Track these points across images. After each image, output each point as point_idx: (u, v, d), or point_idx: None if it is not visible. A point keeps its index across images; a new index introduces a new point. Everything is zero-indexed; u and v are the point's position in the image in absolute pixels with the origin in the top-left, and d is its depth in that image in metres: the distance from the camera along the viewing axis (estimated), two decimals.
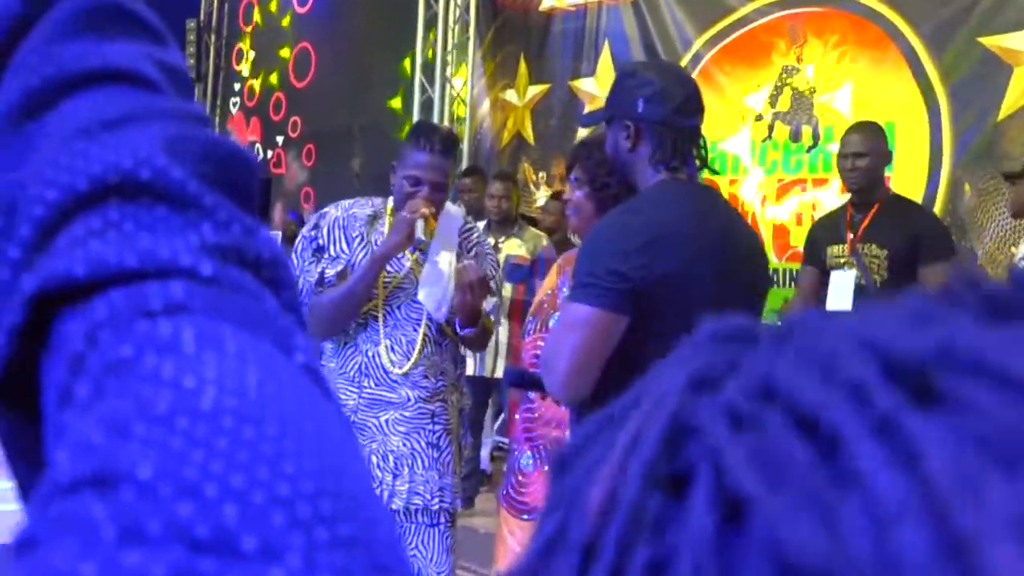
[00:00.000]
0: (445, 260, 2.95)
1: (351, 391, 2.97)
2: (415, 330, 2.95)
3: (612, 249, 2.09)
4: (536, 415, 2.85)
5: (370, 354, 2.95)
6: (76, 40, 0.51)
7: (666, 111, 2.25)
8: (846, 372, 0.27)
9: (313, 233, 3.00)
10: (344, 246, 2.97)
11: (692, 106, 2.29)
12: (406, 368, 2.93)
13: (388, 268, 2.94)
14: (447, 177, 2.92)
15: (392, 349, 2.94)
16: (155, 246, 0.43)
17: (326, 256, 2.97)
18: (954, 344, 0.26)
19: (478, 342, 3.08)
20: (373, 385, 2.95)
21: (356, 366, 2.97)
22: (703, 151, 2.33)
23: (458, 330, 2.99)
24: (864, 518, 0.24)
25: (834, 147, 5.48)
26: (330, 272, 2.94)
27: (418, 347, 2.94)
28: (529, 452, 2.86)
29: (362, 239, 2.97)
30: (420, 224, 2.79)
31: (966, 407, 0.25)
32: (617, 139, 2.32)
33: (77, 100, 0.49)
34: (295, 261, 3.00)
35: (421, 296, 2.94)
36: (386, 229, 2.99)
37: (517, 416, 2.96)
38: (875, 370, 0.26)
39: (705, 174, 2.35)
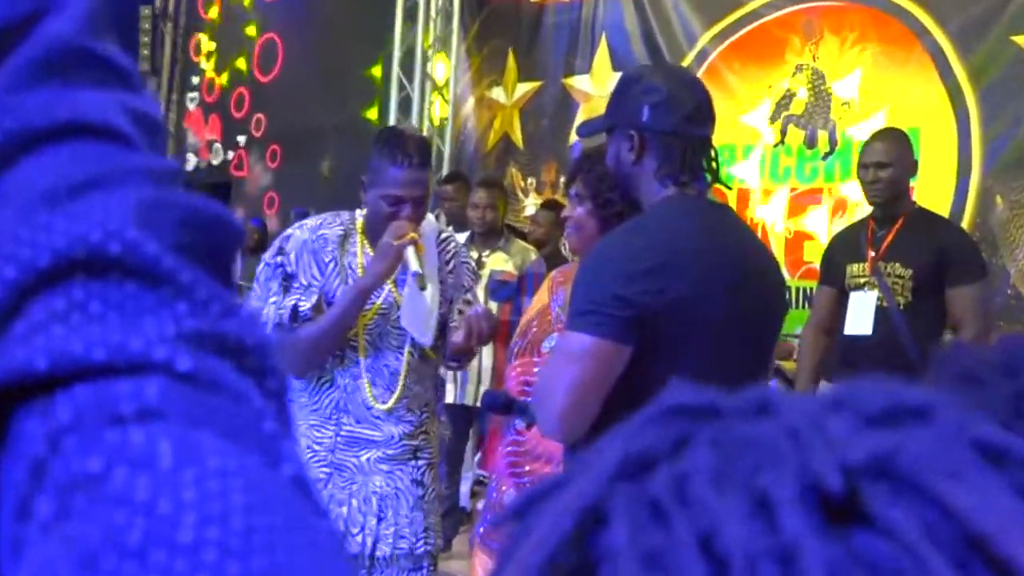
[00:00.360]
0: (426, 279, 2.91)
1: (327, 429, 2.94)
2: (398, 359, 2.93)
3: (615, 272, 2.08)
4: (524, 449, 2.82)
5: (349, 389, 2.92)
6: (39, 88, 0.51)
7: (674, 120, 2.23)
8: (762, 485, 0.28)
9: (279, 259, 2.95)
10: (316, 273, 2.93)
11: (703, 114, 2.27)
12: (390, 403, 2.92)
13: (374, 294, 2.92)
14: (426, 189, 2.91)
15: (374, 383, 2.92)
16: (126, 336, 0.42)
17: (297, 285, 2.92)
18: (894, 457, 0.28)
19: (461, 368, 3.08)
20: (354, 422, 2.93)
21: (332, 402, 2.94)
22: (715, 164, 2.31)
23: (445, 360, 3.01)
24: None
25: (852, 150, 5.46)
26: (305, 305, 2.89)
27: (402, 379, 2.92)
28: (513, 490, 2.83)
29: (335, 263, 2.93)
30: (411, 253, 2.76)
31: (880, 530, 0.27)
32: (619, 150, 2.30)
33: (41, 157, 0.48)
34: (257, 289, 2.95)
35: (405, 322, 2.92)
36: (359, 250, 2.96)
37: (502, 448, 2.93)
38: (792, 488, 0.28)
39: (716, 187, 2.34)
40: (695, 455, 0.31)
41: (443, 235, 3.10)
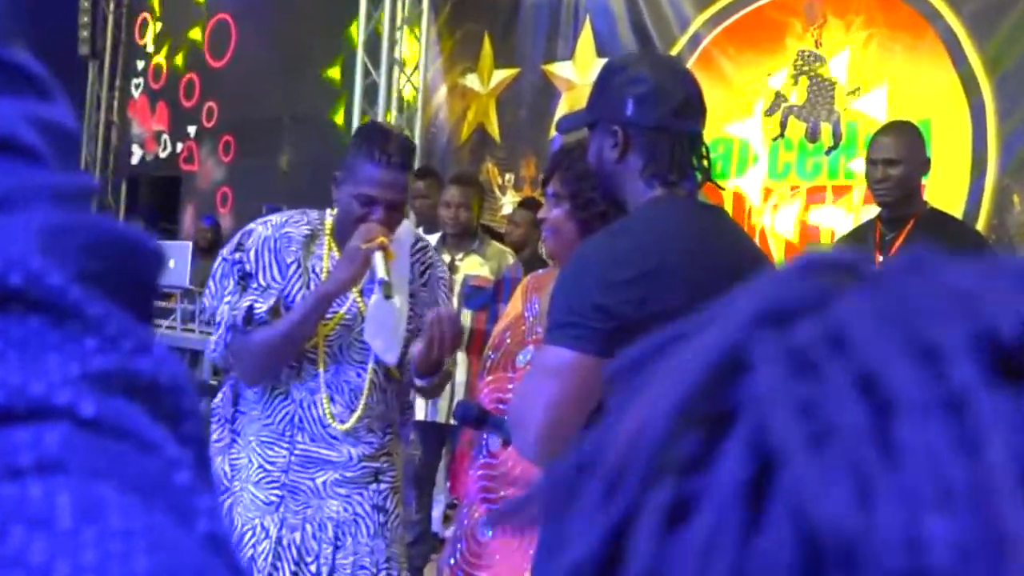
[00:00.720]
0: (395, 290, 2.91)
1: (280, 447, 2.92)
2: (359, 376, 2.92)
3: (595, 281, 2.07)
4: (497, 472, 2.81)
5: (305, 404, 2.91)
6: None
7: (661, 114, 2.23)
8: (929, 333, 0.28)
9: (237, 256, 2.94)
10: (276, 274, 2.91)
11: (693, 108, 2.27)
12: (350, 423, 2.91)
13: (337, 303, 2.90)
14: (405, 194, 2.90)
15: (332, 399, 2.91)
16: (26, 378, 0.41)
17: (254, 286, 2.90)
18: None
19: (435, 391, 3.07)
20: (308, 441, 2.91)
21: (287, 417, 2.92)
22: (705, 162, 2.30)
23: (413, 379, 2.96)
24: (901, 500, 0.26)
25: (858, 145, 5.48)
26: (260, 307, 2.87)
27: (364, 397, 2.91)
28: (487, 517, 2.83)
29: (298, 265, 2.92)
30: (379, 258, 2.74)
31: None
32: (602, 147, 2.29)
33: None
34: (212, 287, 2.94)
35: (368, 336, 2.91)
36: (325, 252, 2.95)
37: (473, 471, 2.93)
38: (964, 337, 0.28)
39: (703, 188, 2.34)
40: (849, 303, 0.31)
41: (420, 244, 3.08)
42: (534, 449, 2.11)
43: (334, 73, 9.76)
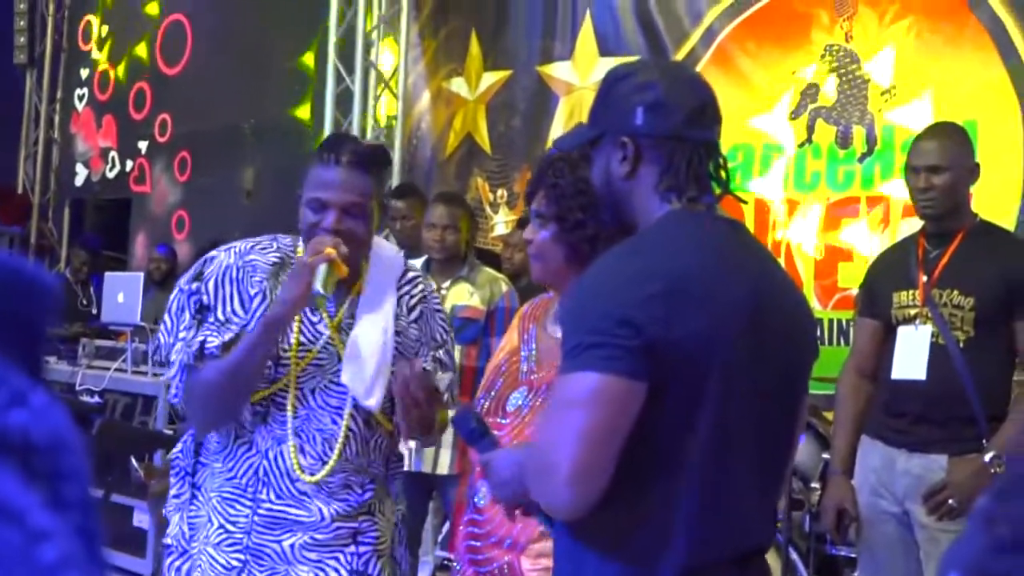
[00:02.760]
0: (377, 325, 2.89)
1: (243, 504, 2.89)
2: (335, 422, 2.89)
3: (621, 296, 2.08)
4: (484, 531, 2.80)
5: (271, 455, 2.88)
6: None
7: (675, 122, 2.25)
8: None
9: (194, 286, 2.93)
10: (236, 306, 2.91)
11: (708, 115, 2.29)
12: (320, 475, 2.87)
13: (302, 338, 2.89)
14: (364, 198, 2.87)
15: (302, 449, 2.88)
16: None
17: (211, 320, 2.89)
18: None
19: (430, 441, 3.03)
20: (274, 498, 2.88)
21: (251, 470, 2.90)
22: (724, 172, 2.32)
23: (401, 434, 2.95)
24: None
25: (895, 150, 5.46)
26: (213, 342, 2.86)
27: (338, 446, 2.88)
28: None
29: (263, 297, 2.90)
30: (321, 270, 2.72)
31: None
32: (609, 163, 2.30)
33: None
34: (167, 322, 2.92)
35: (345, 378, 2.88)
36: None
37: (462, 527, 2.91)
38: None
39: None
40: None
41: (411, 275, 3.06)
42: (566, 494, 2.08)
43: (303, 76, 9.76)
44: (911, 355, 4.12)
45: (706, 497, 2.13)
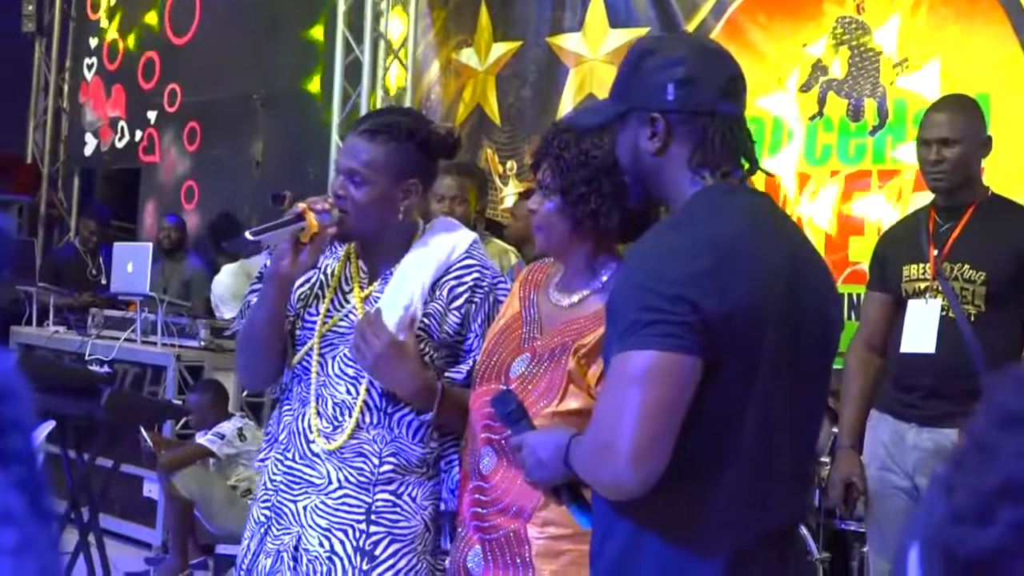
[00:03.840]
0: (398, 303, 2.90)
1: (277, 464, 3.00)
2: (349, 392, 2.92)
3: (674, 271, 2.11)
4: (488, 497, 2.79)
5: (297, 416, 2.97)
6: None
7: (707, 96, 2.26)
8: None
9: None
10: None
11: (737, 88, 2.31)
12: (335, 444, 2.90)
13: (331, 306, 2.97)
14: (365, 166, 2.88)
15: (319, 414, 2.94)
16: None
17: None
18: None
19: (451, 423, 2.93)
20: (297, 459, 2.95)
21: (286, 430, 3.00)
22: (752, 146, 2.34)
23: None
24: None
25: (907, 123, 5.45)
26: (252, 300, 3.04)
27: (354, 416, 2.90)
28: (479, 547, 2.80)
29: (315, 264, 2.98)
30: (288, 228, 2.81)
31: None
32: (637, 139, 2.31)
33: None
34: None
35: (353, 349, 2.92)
36: (343, 253, 3.04)
37: (467, 495, 2.90)
38: None
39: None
40: None
41: (469, 261, 3.02)
42: (630, 472, 2.09)
43: (313, 47, 9.73)
44: (921, 329, 4.11)
45: (754, 471, 2.16)
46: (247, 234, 2.84)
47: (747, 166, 2.33)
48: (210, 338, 7.38)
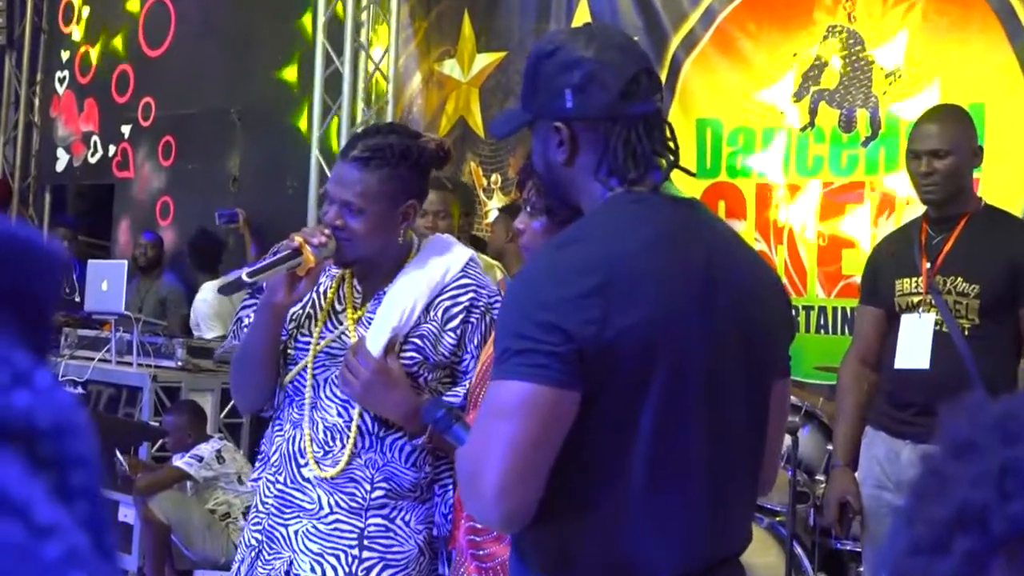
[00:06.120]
0: (386, 325, 2.90)
1: (268, 488, 3.00)
2: (340, 415, 2.92)
3: (547, 297, 2.02)
4: (484, 525, 2.79)
5: (289, 438, 2.98)
6: None
7: (608, 100, 2.16)
8: None
9: None
10: None
11: (644, 84, 2.19)
12: (331, 472, 2.90)
13: (325, 327, 2.97)
14: (359, 196, 2.84)
15: (312, 437, 2.94)
16: None
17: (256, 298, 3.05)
18: None
19: (445, 447, 2.90)
20: (288, 482, 2.96)
21: (278, 452, 3.00)
22: (671, 144, 2.24)
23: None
24: None
25: (900, 133, 5.48)
26: (246, 321, 3.05)
27: (350, 443, 2.90)
28: (476, 574, 2.81)
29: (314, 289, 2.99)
30: (281, 260, 2.80)
31: None
32: (546, 149, 2.24)
33: None
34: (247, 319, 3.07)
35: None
36: (337, 275, 3.04)
37: (464, 520, 2.91)
38: None
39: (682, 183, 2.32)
40: None
41: (464, 280, 3.01)
42: (493, 508, 2.05)
43: (291, 59, 9.74)
44: (914, 344, 4.12)
45: (656, 505, 2.07)
46: (243, 276, 2.80)
47: (663, 165, 2.21)
48: (187, 358, 7.36)
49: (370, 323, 2.93)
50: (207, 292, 8.39)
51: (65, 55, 12.05)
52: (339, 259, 2.88)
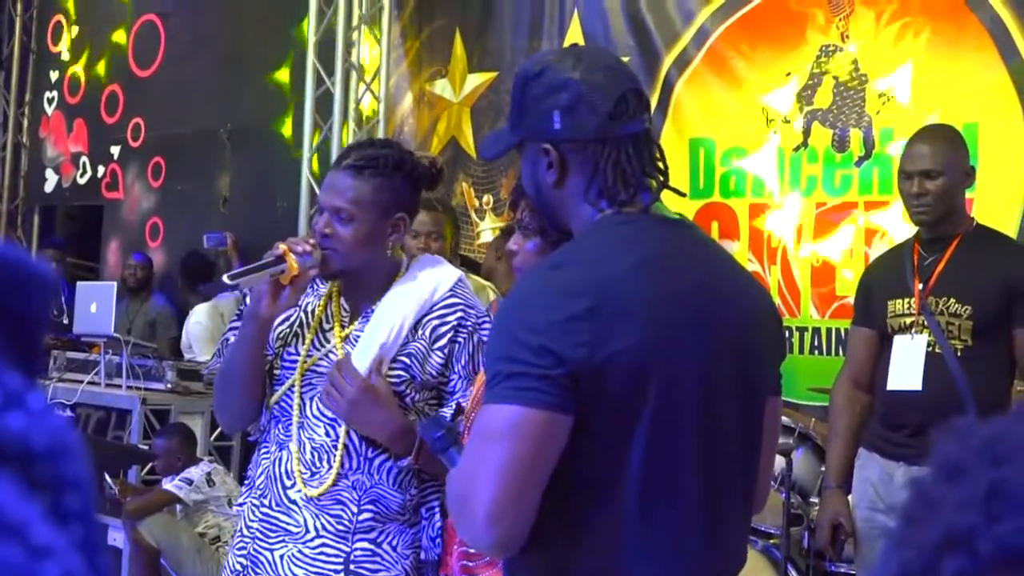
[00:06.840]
0: (373, 342, 2.90)
1: (253, 512, 2.98)
2: (327, 434, 2.91)
3: (542, 319, 2.01)
4: (476, 551, 2.79)
5: (275, 460, 2.96)
6: None
7: (596, 122, 2.17)
8: None
9: None
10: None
11: (632, 105, 2.19)
12: (316, 491, 2.89)
13: (313, 345, 2.96)
14: (349, 203, 2.86)
15: (299, 458, 2.92)
16: None
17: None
18: None
19: (432, 468, 2.90)
20: (273, 505, 2.94)
21: (264, 474, 2.98)
22: (660, 164, 2.24)
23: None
24: None
25: (894, 153, 5.50)
26: (231, 339, 3.04)
27: (336, 461, 2.89)
28: None
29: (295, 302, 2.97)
30: (265, 270, 2.79)
31: None
32: (535, 172, 2.24)
33: None
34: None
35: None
36: (324, 292, 3.03)
37: (456, 545, 2.91)
38: None
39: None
40: None
41: (453, 300, 3.00)
42: (485, 532, 2.04)
43: (281, 79, 9.75)
44: (907, 365, 4.12)
45: (649, 527, 2.07)
46: (225, 278, 2.83)
47: (653, 186, 2.21)
48: (177, 380, 7.35)
49: (358, 340, 2.93)
50: (200, 314, 8.38)
51: (54, 75, 12.05)
52: (324, 270, 2.88)
